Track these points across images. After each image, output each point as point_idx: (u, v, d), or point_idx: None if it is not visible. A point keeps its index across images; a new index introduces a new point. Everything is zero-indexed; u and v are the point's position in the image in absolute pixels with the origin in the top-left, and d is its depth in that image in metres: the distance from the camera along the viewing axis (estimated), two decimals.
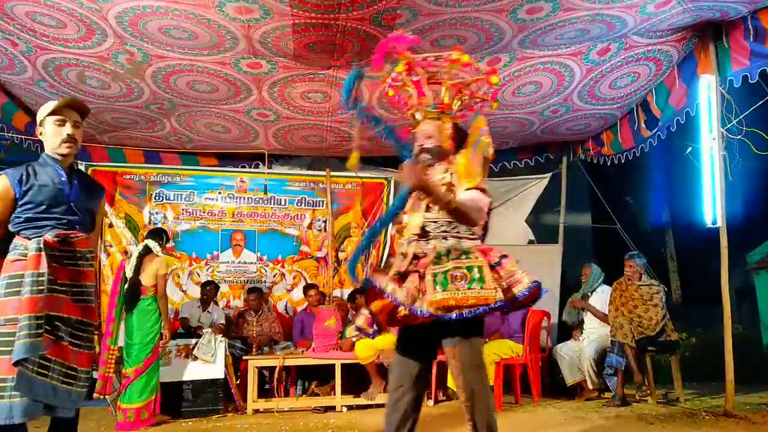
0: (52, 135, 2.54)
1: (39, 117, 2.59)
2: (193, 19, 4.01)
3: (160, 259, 4.87)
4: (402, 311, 2.31)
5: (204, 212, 6.80)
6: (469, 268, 2.31)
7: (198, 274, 6.63)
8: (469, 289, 2.26)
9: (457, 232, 2.46)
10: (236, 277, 6.78)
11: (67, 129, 2.53)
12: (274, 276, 6.88)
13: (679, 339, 5.29)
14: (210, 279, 6.45)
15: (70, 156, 2.58)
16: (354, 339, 5.36)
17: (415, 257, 2.45)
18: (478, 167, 2.48)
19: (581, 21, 4.20)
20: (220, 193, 6.86)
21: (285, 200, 7.03)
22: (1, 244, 2.47)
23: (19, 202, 2.46)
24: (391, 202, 7.13)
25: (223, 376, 5.12)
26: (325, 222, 7.09)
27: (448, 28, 4.24)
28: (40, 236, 2.39)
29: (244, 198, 6.91)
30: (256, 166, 6.97)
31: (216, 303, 6.25)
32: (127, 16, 4.00)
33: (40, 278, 2.31)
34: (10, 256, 2.42)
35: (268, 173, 6.66)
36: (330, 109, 5.63)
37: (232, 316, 6.37)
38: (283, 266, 6.93)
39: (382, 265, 7.02)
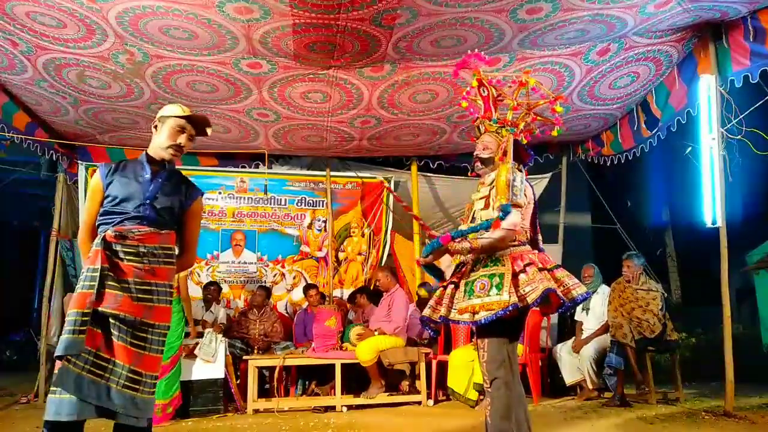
0: (167, 136, 2.52)
1: (163, 112, 2.57)
2: (193, 19, 4.01)
3: None
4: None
5: (204, 212, 6.79)
6: (491, 276, 2.57)
7: (198, 274, 6.63)
8: (487, 296, 2.52)
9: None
10: (236, 277, 6.79)
11: (182, 139, 2.53)
12: (274, 276, 6.89)
13: (679, 339, 5.29)
14: (212, 280, 6.46)
15: (168, 161, 2.56)
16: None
17: (462, 264, 2.75)
18: (504, 185, 2.64)
19: (581, 21, 4.21)
20: (220, 193, 6.86)
21: (285, 200, 7.04)
22: None
23: (104, 194, 2.44)
24: (390, 202, 7.14)
25: (223, 376, 5.13)
26: (325, 222, 7.09)
27: (448, 28, 4.24)
28: (107, 231, 2.35)
29: (244, 198, 6.92)
30: (256, 166, 6.97)
31: (218, 303, 6.26)
32: (127, 16, 4.01)
33: (94, 273, 2.25)
34: (90, 252, 2.37)
35: (268, 173, 6.66)
36: (330, 109, 5.64)
37: (233, 315, 6.37)
38: (283, 266, 6.93)
39: (382, 263, 7.05)
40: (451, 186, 7.49)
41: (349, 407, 5.23)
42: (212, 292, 6.14)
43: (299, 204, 7.08)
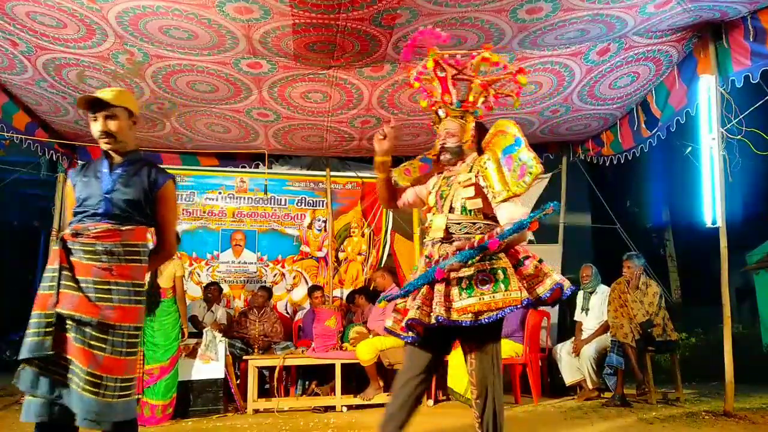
0: (92, 129, 2.42)
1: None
2: (193, 19, 4.01)
3: (176, 261, 4.96)
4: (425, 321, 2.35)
5: (204, 212, 6.80)
6: (493, 271, 2.33)
7: (198, 274, 6.63)
8: (494, 292, 2.29)
9: (482, 234, 2.42)
10: (236, 277, 6.79)
11: (100, 124, 2.39)
12: (274, 276, 6.89)
13: (679, 339, 5.29)
14: (213, 280, 6.47)
15: (118, 149, 2.43)
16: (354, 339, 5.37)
17: (428, 258, 2.48)
18: (515, 177, 2.39)
19: (581, 21, 4.21)
20: (220, 193, 6.86)
21: (285, 200, 7.04)
22: None
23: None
24: None
25: (223, 376, 5.13)
26: (325, 222, 7.09)
27: (448, 28, 4.23)
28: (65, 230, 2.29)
29: (244, 198, 6.92)
30: (256, 166, 6.97)
31: (219, 303, 6.27)
32: (127, 16, 4.00)
33: (53, 274, 2.20)
34: None
35: (268, 173, 6.66)
36: (330, 109, 5.64)
37: (234, 315, 6.37)
38: (283, 266, 6.93)
39: (382, 264, 7.04)
40: None
41: (349, 407, 5.23)
42: (213, 292, 6.15)
43: (299, 204, 7.09)
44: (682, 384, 5.15)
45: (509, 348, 5.16)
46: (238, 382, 5.42)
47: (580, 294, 5.74)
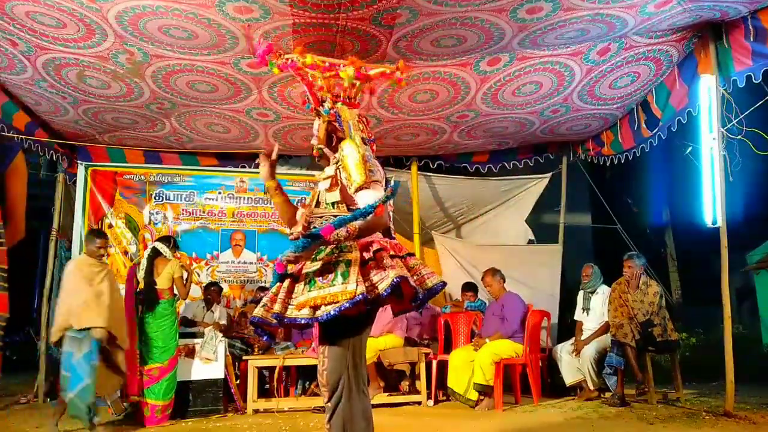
0: None
1: None
2: (193, 18, 4.01)
3: (174, 262, 4.96)
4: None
5: (204, 212, 6.80)
6: (336, 264, 2.19)
7: (198, 273, 6.62)
8: (332, 285, 2.15)
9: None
10: (236, 277, 6.78)
11: None
12: None
13: (679, 339, 5.29)
14: (213, 280, 6.46)
15: None
16: None
17: None
18: (357, 162, 2.30)
19: (581, 21, 4.20)
20: (220, 193, 6.86)
21: None
22: None
23: None
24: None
25: (223, 376, 5.12)
26: None
27: (448, 28, 4.24)
28: None
29: (244, 198, 6.91)
30: (256, 166, 6.94)
31: (219, 303, 6.26)
32: (127, 16, 4.00)
33: None
34: None
35: None
36: None
37: (233, 315, 6.37)
38: None
39: None
40: (451, 186, 7.49)
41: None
42: (212, 293, 6.14)
43: (299, 204, 7.07)
44: (682, 384, 5.14)
45: (509, 348, 5.15)
46: (238, 382, 5.41)
47: (581, 294, 5.74)
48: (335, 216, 2.29)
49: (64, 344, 4.10)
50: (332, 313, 2.10)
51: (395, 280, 2.11)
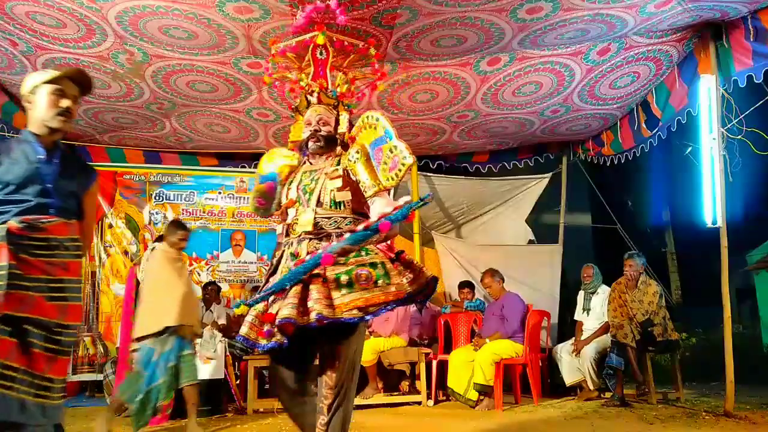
0: (47, 106, 2.18)
1: (29, 84, 2.23)
2: (193, 18, 4.01)
3: None
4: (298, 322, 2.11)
5: (204, 212, 6.80)
6: (373, 265, 2.21)
7: (198, 273, 6.63)
8: (376, 286, 2.17)
9: (352, 229, 2.26)
10: (236, 276, 6.79)
11: (66, 102, 2.20)
12: None
13: (679, 339, 5.29)
14: (212, 280, 6.46)
15: (60, 132, 2.23)
16: None
17: (286, 256, 2.37)
18: (385, 170, 2.28)
19: (581, 21, 4.20)
20: (220, 193, 6.86)
21: None
22: None
23: None
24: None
25: (223, 376, 5.12)
26: None
27: (448, 28, 4.24)
28: (4, 222, 2.03)
29: (244, 198, 6.91)
30: (256, 166, 6.95)
31: (218, 303, 6.26)
32: (127, 16, 4.00)
33: (0, 272, 1.94)
34: None
35: None
36: None
37: (233, 315, 6.37)
38: None
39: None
40: (451, 186, 7.49)
41: None
42: (210, 292, 6.13)
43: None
44: (682, 384, 5.15)
45: (509, 348, 5.15)
46: (238, 382, 5.41)
47: (581, 294, 5.74)
48: (344, 218, 2.35)
49: (146, 341, 3.91)
50: (383, 311, 2.18)
51: (432, 278, 2.23)
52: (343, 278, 2.17)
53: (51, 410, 2.03)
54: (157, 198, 6.67)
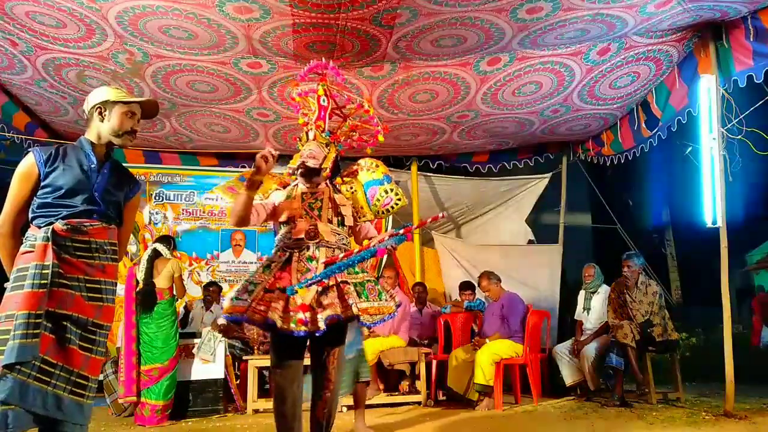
0: (118, 124, 2.35)
1: (101, 97, 2.41)
2: (193, 18, 4.01)
3: (174, 261, 4.97)
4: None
5: (204, 212, 6.80)
6: (375, 282, 2.77)
7: (198, 273, 6.63)
8: (379, 299, 2.69)
9: (345, 246, 2.83)
10: (236, 276, 6.78)
11: (135, 125, 2.40)
12: None
13: (679, 339, 5.29)
14: (213, 280, 6.46)
15: (114, 146, 2.41)
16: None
17: (291, 262, 2.80)
18: (377, 205, 2.93)
19: (581, 21, 4.20)
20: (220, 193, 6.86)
21: None
22: (23, 233, 2.25)
23: (41, 184, 2.22)
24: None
25: (223, 376, 5.12)
26: None
27: (448, 28, 4.24)
28: (51, 224, 2.14)
29: None
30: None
31: (218, 303, 6.26)
32: (127, 16, 4.00)
33: (44, 271, 2.05)
34: (22, 248, 2.17)
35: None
36: None
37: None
38: None
39: (382, 264, 7.02)
40: (451, 186, 7.49)
41: (349, 407, 5.21)
42: (212, 292, 6.14)
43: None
44: (682, 384, 5.14)
45: (509, 348, 5.15)
46: (238, 382, 5.41)
47: (582, 293, 5.74)
48: (344, 236, 2.88)
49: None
50: (385, 319, 2.68)
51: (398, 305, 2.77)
52: (359, 288, 2.66)
53: (87, 409, 2.13)
54: (157, 198, 6.67)
